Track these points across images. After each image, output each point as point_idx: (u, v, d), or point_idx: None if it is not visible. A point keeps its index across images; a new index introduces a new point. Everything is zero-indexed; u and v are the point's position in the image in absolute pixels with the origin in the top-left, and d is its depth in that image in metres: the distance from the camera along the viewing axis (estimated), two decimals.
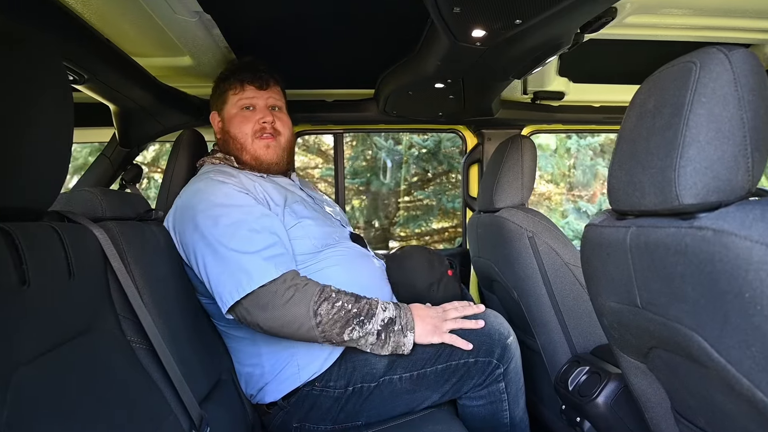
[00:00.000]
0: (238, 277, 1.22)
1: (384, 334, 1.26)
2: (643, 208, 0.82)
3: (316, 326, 1.22)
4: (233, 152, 1.53)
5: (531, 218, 1.51)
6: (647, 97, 0.88)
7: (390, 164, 5.62)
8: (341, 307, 1.24)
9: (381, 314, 1.27)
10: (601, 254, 0.94)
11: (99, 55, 1.25)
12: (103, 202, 1.08)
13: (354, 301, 1.27)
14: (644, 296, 0.83)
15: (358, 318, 1.25)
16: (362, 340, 1.26)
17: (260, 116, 1.53)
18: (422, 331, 1.29)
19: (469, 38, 1.10)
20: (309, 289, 1.25)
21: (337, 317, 1.23)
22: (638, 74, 1.93)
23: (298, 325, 1.22)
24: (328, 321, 1.23)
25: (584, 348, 1.44)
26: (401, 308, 1.31)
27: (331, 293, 1.26)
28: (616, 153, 0.92)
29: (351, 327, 1.24)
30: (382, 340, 1.26)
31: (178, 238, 1.35)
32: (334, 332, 1.23)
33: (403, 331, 1.27)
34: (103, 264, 0.97)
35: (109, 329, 0.94)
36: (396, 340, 1.27)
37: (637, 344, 0.96)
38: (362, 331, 1.25)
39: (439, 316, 1.33)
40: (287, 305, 1.21)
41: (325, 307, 1.23)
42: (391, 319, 1.27)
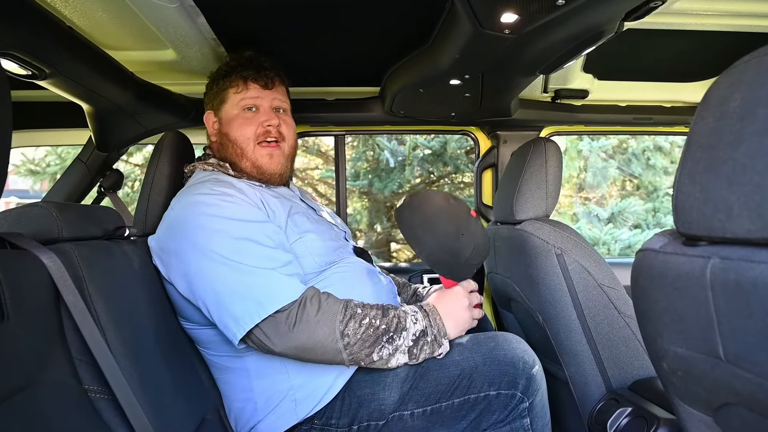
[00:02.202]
0: (257, 297, 1.07)
1: (416, 349, 1.15)
2: (730, 235, 0.64)
3: (344, 349, 1.09)
4: (230, 158, 1.36)
5: (559, 233, 1.34)
6: (729, 94, 0.70)
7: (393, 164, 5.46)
8: (369, 324, 1.11)
9: (412, 327, 1.15)
10: (665, 287, 0.76)
11: (61, 46, 1.08)
12: (59, 219, 0.91)
13: (381, 315, 1.14)
14: (731, 347, 0.66)
15: (387, 335, 1.12)
16: (392, 359, 1.13)
17: (264, 118, 1.36)
18: (454, 330, 1.20)
19: (496, 24, 0.92)
20: (332, 307, 1.11)
21: (366, 336, 1.10)
22: (672, 70, 1.79)
23: (324, 350, 1.09)
24: (356, 342, 1.10)
25: (621, 382, 1.27)
26: (430, 315, 1.18)
27: (356, 309, 1.12)
28: (685, 162, 0.74)
29: (380, 345, 1.11)
30: (415, 356, 1.15)
31: (167, 257, 1.18)
32: (362, 353, 1.11)
33: (437, 340, 1.16)
34: (53, 297, 0.80)
35: (61, 380, 0.77)
36: (430, 351, 1.16)
37: (707, 398, 0.79)
38: (392, 348, 1.12)
39: (464, 305, 1.22)
40: (312, 327, 1.08)
41: (352, 326, 1.10)
42: (423, 332, 1.16)
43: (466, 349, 1.20)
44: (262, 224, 1.18)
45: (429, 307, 1.21)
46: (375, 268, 1.44)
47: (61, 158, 4.99)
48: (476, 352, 1.19)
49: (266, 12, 1.27)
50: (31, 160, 5.12)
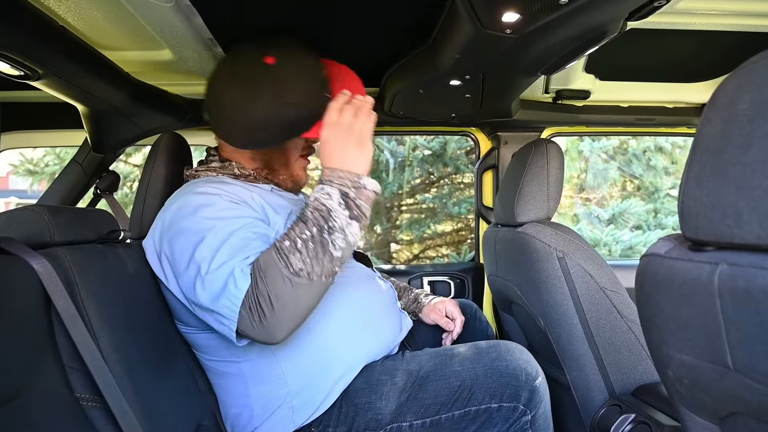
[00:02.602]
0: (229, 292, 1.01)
1: (355, 210, 1.06)
2: (738, 241, 0.62)
3: (309, 280, 1.00)
4: (271, 165, 1.32)
5: (561, 236, 1.32)
6: (738, 96, 0.68)
7: (393, 164, 5.44)
8: (304, 242, 1.01)
9: (332, 201, 1.05)
10: (671, 293, 0.74)
11: (54, 46, 1.06)
12: (51, 223, 0.89)
13: (304, 225, 1.04)
14: (740, 356, 0.64)
15: (323, 232, 1.03)
16: (348, 235, 1.04)
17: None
18: (361, 156, 1.09)
19: (497, 24, 0.90)
20: (269, 265, 1.01)
21: (312, 252, 1.01)
22: (675, 70, 1.77)
23: (300, 299, 1.01)
24: (312, 265, 1.01)
25: (624, 387, 1.25)
26: (333, 178, 1.08)
27: (283, 243, 1.03)
28: (691, 165, 0.72)
29: (329, 242, 1.02)
30: (358, 215, 1.06)
31: (161, 258, 1.15)
32: (325, 263, 1.02)
33: (358, 188, 1.07)
34: (44, 304, 0.78)
35: (51, 388, 0.75)
36: (365, 199, 1.07)
37: (714, 407, 0.76)
38: (339, 232, 1.03)
39: (345, 127, 1.10)
40: (274, 296, 0.99)
41: (295, 259, 1.00)
42: (343, 194, 1.06)
43: (467, 360, 1.17)
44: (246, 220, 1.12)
45: (325, 174, 1.10)
46: (374, 273, 1.42)
47: (60, 158, 4.97)
48: (477, 363, 1.16)
49: (263, 12, 1.25)
50: (29, 160, 5.10)
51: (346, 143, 1.10)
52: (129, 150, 5.08)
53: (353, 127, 1.11)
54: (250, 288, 1.00)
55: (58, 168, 4.91)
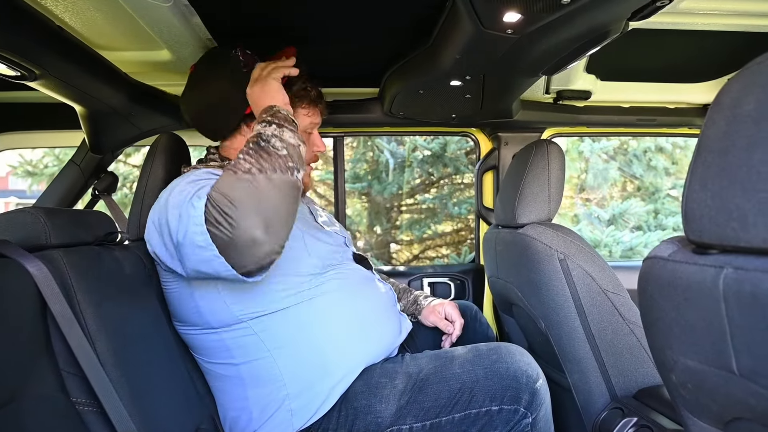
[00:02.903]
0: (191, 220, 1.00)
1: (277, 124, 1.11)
2: (744, 244, 0.61)
3: (262, 172, 1.01)
4: None
5: (562, 237, 1.30)
6: (743, 96, 0.67)
7: (392, 164, 5.43)
8: (246, 153, 1.04)
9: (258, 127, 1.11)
10: (674, 297, 0.73)
11: (51, 46, 1.05)
12: (47, 225, 0.88)
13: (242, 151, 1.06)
14: (745, 362, 0.63)
15: (259, 143, 1.06)
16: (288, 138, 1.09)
17: (318, 144, 1.40)
18: (267, 99, 1.18)
19: (498, 24, 0.89)
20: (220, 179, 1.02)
21: (257, 156, 1.04)
22: (676, 71, 1.75)
23: (259, 190, 1.00)
24: (259, 162, 1.02)
25: (626, 390, 1.23)
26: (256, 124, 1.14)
27: (229, 164, 1.06)
28: (695, 167, 0.71)
29: (269, 146, 1.06)
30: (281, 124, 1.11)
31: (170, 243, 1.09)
32: (275, 160, 1.04)
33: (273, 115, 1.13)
34: (40, 308, 0.77)
35: (47, 393, 0.74)
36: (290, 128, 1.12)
37: (718, 411, 0.75)
38: (274, 138, 1.08)
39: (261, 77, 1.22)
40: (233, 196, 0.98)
41: (243, 163, 1.02)
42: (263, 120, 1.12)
43: (468, 362, 1.16)
44: None
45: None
46: (374, 275, 1.41)
47: (59, 159, 4.95)
48: (478, 365, 1.15)
49: (261, 12, 1.24)
50: (28, 161, 5.08)
51: (260, 91, 1.21)
52: (128, 150, 5.07)
53: (262, 77, 1.22)
54: (208, 203, 0.98)
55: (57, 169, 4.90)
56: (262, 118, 1.13)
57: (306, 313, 1.19)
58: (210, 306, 1.15)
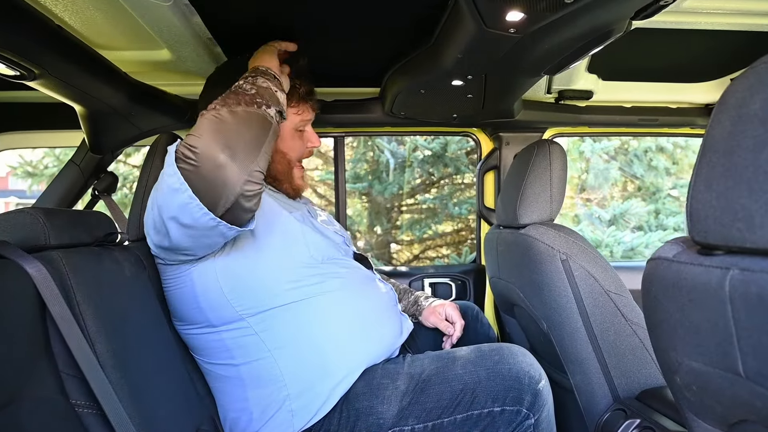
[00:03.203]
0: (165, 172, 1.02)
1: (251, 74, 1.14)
2: (750, 245, 0.61)
3: (228, 108, 1.03)
4: (276, 173, 1.35)
5: (564, 238, 1.30)
6: (749, 96, 0.66)
7: (393, 164, 5.42)
8: (217, 100, 1.05)
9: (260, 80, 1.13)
10: (679, 298, 0.73)
11: (50, 46, 1.04)
12: (46, 226, 0.87)
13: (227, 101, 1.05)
14: (752, 364, 0.62)
15: (230, 89, 1.09)
16: (260, 82, 1.11)
17: (312, 140, 1.39)
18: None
19: (501, 23, 0.89)
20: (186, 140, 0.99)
21: (224, 97, 1.06)
22: (679, 70, 1.75)
23: (224, 122, 1.00)
24: (223, 101, 1.04)
25: (628, 391, 1.23)
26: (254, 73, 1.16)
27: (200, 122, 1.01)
28: (700, 168, 0.70)
29: (238, 88, 1.08)
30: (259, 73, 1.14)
31: None
32: (241, 98, 1.05)
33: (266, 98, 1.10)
34: (39, 309, 0.76)
35: (46, 395, 0.73)
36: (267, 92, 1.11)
37: (723, 414, 0.75)
38: (245, 82, 1.10)
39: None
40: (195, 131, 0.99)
41: (210, 106, 1.04)
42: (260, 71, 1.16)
43: (470, 363, 1.16)
44: None
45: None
46: (374, 275, 1.41)
47: (59, 160, 4.94)
48: (480, 366, 1.15)
49: (262, 11, 1.23)
50: (28, 162, 5.08)
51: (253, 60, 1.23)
52: (129, 150, 5.06)
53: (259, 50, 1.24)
54: (177, 146, 1.00)
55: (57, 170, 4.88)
56: (243, 76, 1.14)
57: (306, 312, 1.18)
58: (211, 302, 1.15)
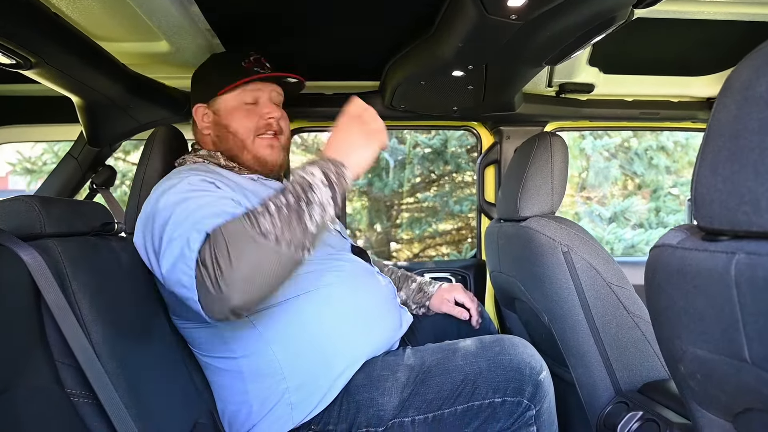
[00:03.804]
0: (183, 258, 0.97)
1: (333, 193, 1.01)
2: (757, 228, 0.60)
3: (277, 244, 0.94)
4: (232, 151, 1.33)
5: (565, 230, 1.29)
6: (754, 80, 0.65)
7: (393, 164, 5.41)
8: (277, 208, 0.97)
9: (314, 178, 1.01)
10: (684, 285, 0.72)
11: (47, 33, 1.03)
12: (42, 214, 0.86)
13: (281, 194, 1.00)
14: (758, 349, 0.61)
15: (301, 201, 0.98)
16: (324, 215, 1.00)
17: (266, 110, 1.34)
18: (358, 159, 1.04)
19: (503, 9, 0.88)
20: (235, 223, 0.97)
21: (284, 217, 0.96)
22: (681, 63, 1.74)
23: (265, 262, 0.95)
24: (282, 230, 0.95)
25: (630, 384, 1.22)
26: (322, 161, 1.04)
27: (256, 210, 0.98)
28: (705, 153, 0.69)
29: (306, 213, 0.98)
30: (335, 197, 1.02)
31: (149, 247, 1.10)
32: (297, 233, 0.96)
33: (339, 177, 1.02)
34: (34, 297, 0.75)
35: (40, 383, 0.72)
36: (341, 186, 1.02)
37: (728, 403, 0.74)
38: (319, 206, 0.99)
39: (363, 131, 1.07)
40: (236, 253, 0.93)
41: (265, 221, 0.95)
42: (325, 174, 1.01)
43: (471, 354, 1.15)
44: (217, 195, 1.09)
45: (315, 157, 1.07)
46: (373, 269, 1.40)
47: (58, 157, 4.94)
48: (481, 357, 1.13)
49: (261, 2, 1.22)
50: (27, 158, 5.07)
51: (356, 136, 1.07)
52: (128, 147, 5.05)
53: (368, 125, 1.09)
54: (207, 245, 0.94)
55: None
56: (327, 166, 1.03)
57: (306, 305, 1.17)
58: None
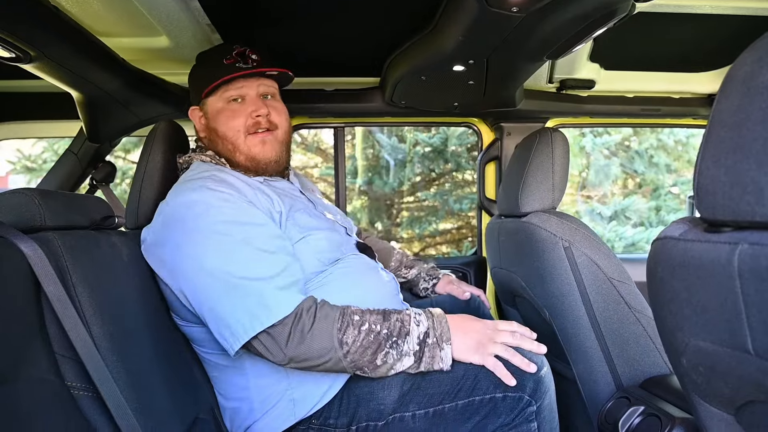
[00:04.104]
0: (253, 311, 1.03)
1: (421, 354, 1.08)
2: (760, 219, 0.60)
3: (344, 357, 1.04)
4: (224, 154, 1.32)
5: (566, 225, 1.29)
6: (757, 70, 0.65)
7: (393, 165, 5.42)
8: (369, 330, 1.06)
9: (416, 329, 1.08)
10: (687, 277, 0.72)
11: (46, 27, 1.03)
12: (42, 206, 0.86)
13: (382, 320, 1.08)
14: (761, 340, 0.61)
15: (390, 339, 1.06)
16: (398, 364, 1.07)
17: (252, 108, 1.31)
18: (461, 344, 1.09)
19: (504, 2, 0.88)
20: (329, 317, 1.06)
21: (367, 343, 1.05)
22: (682, 59, 1.74)
23: (325, 359, 1.05)
24: (356, 350, 1.05)
25: (632, 380, 1.22)
26: (434, 317, 1.11)
27: (353, 315, 1.07)
28: (708, 144, 0.69)
29: (384, 351, 1.06)
30: (419, 360, 1.08)
31: (161, 254, 1.13)
32: (365, 360, 1.05)
33: (438, 344, 1.08)
34: (34, 290, 0.75)
35: (40, 376, 0.72)
36: (431, 354, 1.08)
37: (731, 395, 0.74)
38: (397, 354, 1.06)
39: (486, 333, 1.11)
40: (311, 338, 1.04)
41: (351, 333, 1.05)
42: (426, 333, 1.08)
43: None
44: (261, 227, 1.13)
45: (437, 311, 1.14)
46: (377, 264, 1.40)
47: (57, 154, 4.94)
48: None
49: None
50: (27, 156, 5.07)
51: (471, 329, 1.12)
52: (128, 146, 5.05)
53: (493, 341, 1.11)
54: (293, 317, 1.04)
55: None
56: (431, 327, 1.09)
57: None
58: None
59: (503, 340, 1.11)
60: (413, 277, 1.65)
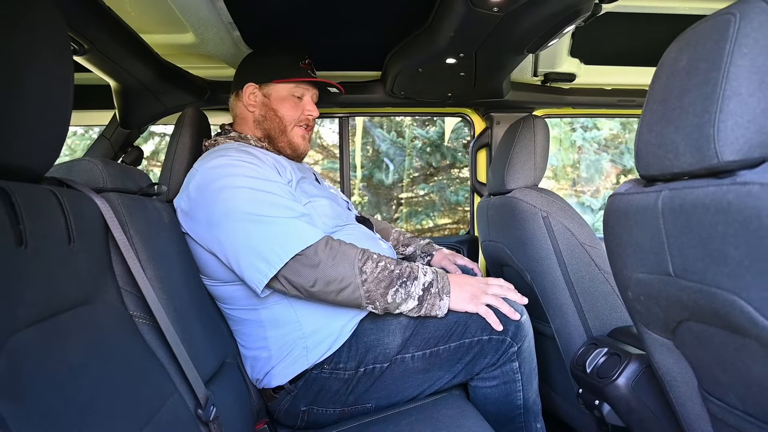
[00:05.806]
0: (282, 241, 1.20)
1: (423, 299, 1.26)
2: (677, 170, 0.78)
3: (362, 284, 1.21)
4: (272, 131, 1.54)
5: (545, 198, 1.46)
6: (679, 55, 0.84)
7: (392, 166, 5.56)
8: (384, 267, 1.24)
9: (422, 278, 1.26)
10: (628, 223, 0.89)
11: (100, 24, 1.19)
12: (104, 172, 1.03)
13: (395, 263, 1.26)
14: (678, 263, 0.78)
15: (401, 279, 1.24)
16: (404, 304, 1.25)
17: (309, 109, 1.57)
18: (458, 297, 1.28)
19: (486, 3, 1.05)
20: (351, 249, 1.25)
21: (382, 276, 1.23)
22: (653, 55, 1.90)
23: (345, 283, 1.21)
24: (373, 280, 1.22)
25: (601, 331, 1.39)
26: (437, 273, 1.30)
27: (372, 254, 1.26)
28: (644, 116, 0.87)
29: (395, 288, 1.23)
30: (421, 304, 1.26)
31: (194, 217, 1.29)
32: (378, 292, 1.22)
33: (439, 294, 1.27)
34: (104, 234, 0.93)
35: (111, 302, 0.90)
36: (431, 302, 1.26)
37: (664, 318, 0.91)
38: (405, 294, 1.24)
39: (479, 286, 1.31)
40: (334, 263, 1.21)
41: (370, 265, 1.23)
42: (430, 283, 1.27)
43: None
44: (279, 184, 1.30)
45: (440, 270, 1.32)
46: (375, 235, 1.57)
47: (71, 149, 5.09)
48: None
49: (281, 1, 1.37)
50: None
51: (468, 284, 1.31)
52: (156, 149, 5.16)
53: (486, 292, 1.31)
54: (323, 242, 1.22)
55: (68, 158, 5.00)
56: (437, 281, 1.27)
57: None
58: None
59: (494, 292, 1.29)
60: (410, 254, 1.79)
